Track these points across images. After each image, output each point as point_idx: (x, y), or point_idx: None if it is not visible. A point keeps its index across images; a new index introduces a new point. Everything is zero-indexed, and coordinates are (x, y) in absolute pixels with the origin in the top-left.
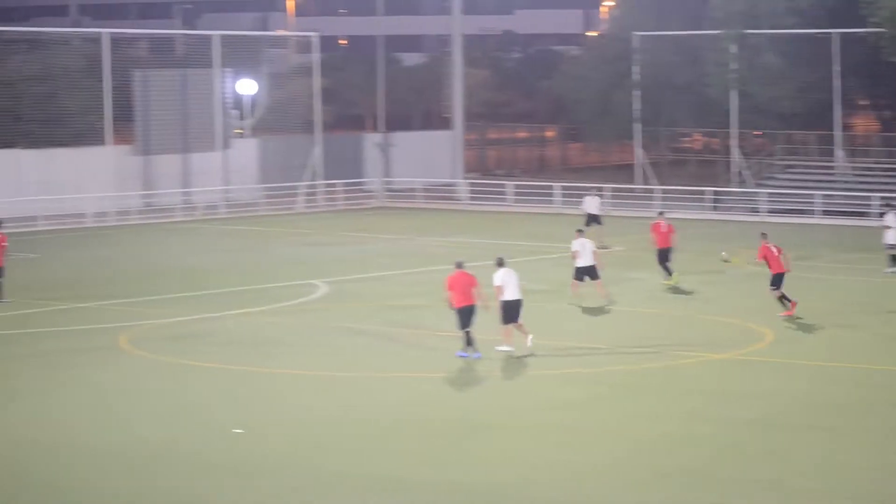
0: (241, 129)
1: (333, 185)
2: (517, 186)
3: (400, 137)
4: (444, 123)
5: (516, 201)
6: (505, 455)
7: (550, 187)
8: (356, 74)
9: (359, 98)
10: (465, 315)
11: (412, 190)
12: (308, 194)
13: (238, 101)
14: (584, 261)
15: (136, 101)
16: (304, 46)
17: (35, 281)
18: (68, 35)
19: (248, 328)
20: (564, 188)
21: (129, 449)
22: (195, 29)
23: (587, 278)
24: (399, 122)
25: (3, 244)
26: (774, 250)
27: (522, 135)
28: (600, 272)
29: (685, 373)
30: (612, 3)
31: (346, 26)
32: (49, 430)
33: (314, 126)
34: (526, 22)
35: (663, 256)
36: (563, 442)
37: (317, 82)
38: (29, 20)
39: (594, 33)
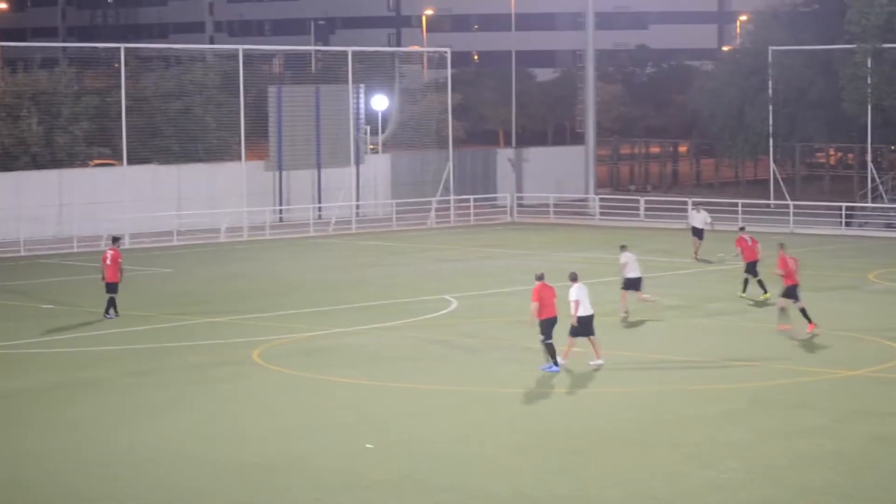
0: (374, 144)
1: (465, 200)
2: (648, 202)
3: (532, 153)
4: (577, 139)
5: (648, 217)
6: (639, 470)
7: (684, 203)
8: (488, 90)
9: (491, 113)
10: (549, 326)
11: (544, 205)
12: (440, 210)
13: (371, 117)
14: (632, 272)
15: (271, 116)
16: (437, 62)
17: (169, 296)
18: (204, 52)
19: (379, 343)
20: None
21: (263, 463)
22: (329, 45)
23: (632, 290)
24: (531, 137)
25: (118, 260)
26: (791, 262)
27: (655, 150)
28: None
29: (816, 388)
30: (747, 18)
31: (480, 42)
32: (187, 443)
33: (446, 141)
34: (660, 37)
35: (752, 269)
36: (693, 456)
37: (449, 98)
38: (166, 37)
39: (728, 48)
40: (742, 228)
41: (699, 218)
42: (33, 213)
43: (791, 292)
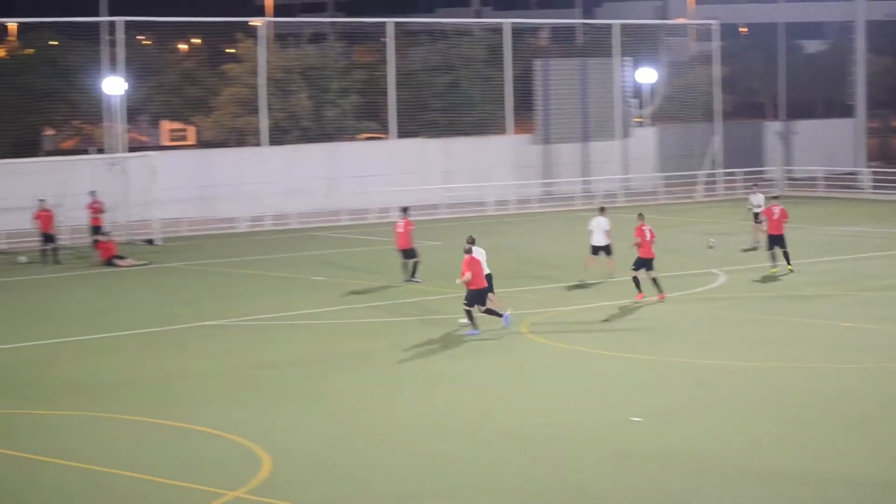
0: (641, 117)
1: (733, 173)
2: None
3: (801, 125)
4: (847, 111)
5: None
6: None
7: None
8: (756, 62)
9: (759, 86)
10: (477, 296)
11: (813, 179)
12: (707, 183)
13: (637, 90)
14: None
15: (537, 90)
16: (704, 34)
17: (436, 268)
18: (470, 25)
19: (646, 316)
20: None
21: (529, 433)
22: (594, 18)
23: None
24: (800, 109)
25: (409, 228)
26: (648, 233)
27: None
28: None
29: None
30: None
31: (747, 14)
32: (461, 413)
33: (713, 114)
34: None
35: (774, 243)
36: None
37: (716, 70)
38: (432, 11)
39: None
40: (776, 197)
41: (759, 199)
42: (303, 187)
43: (642, 263)
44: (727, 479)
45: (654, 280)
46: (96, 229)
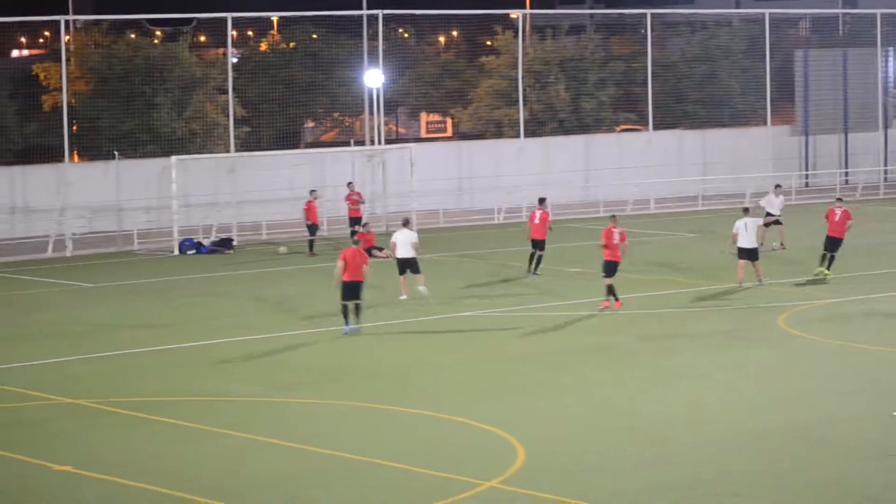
0: None
1: None
2: None
3: None
4: None
5: None
6: None
7: None
8: None
9: None
10: (348, 290)
11: None
12: None
13: None
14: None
15: (797, 80)
16: None
17: (682, 261)
18: (730, 16)
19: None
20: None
21: (781, 430)
22: (856, 7)
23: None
24: None
25: (545, 219)
26: (616, 236)
27: None
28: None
29: None
30: None
31: None
32: (702, 409)
33: None
34: None
35: (830, 245)
36: None
37: None
38: (692, 2)
39: None
40: (839, 199)
41: (776, 202)
42: (560, 178)
43: (607, 267)
44: None
45: (610, 287)
46: (355, 220)
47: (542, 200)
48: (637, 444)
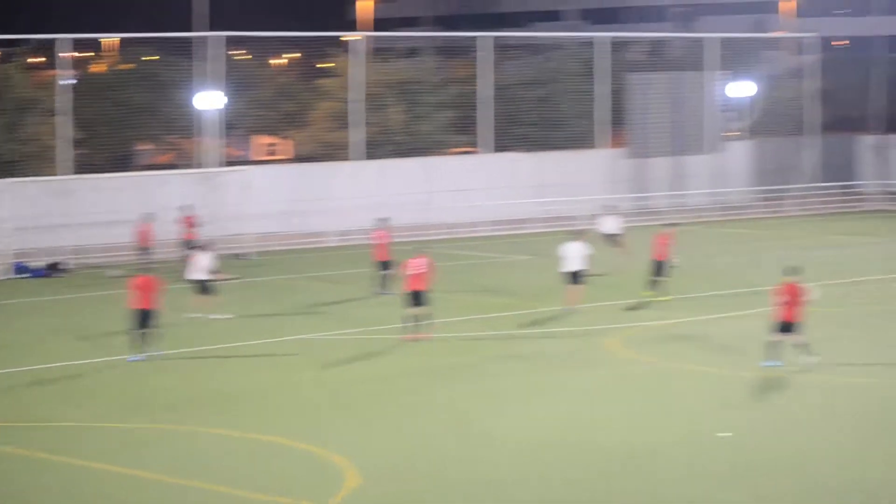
0: (735, 131)
1: (827, 188)
2: None
3: None
4: None
5: None
6: None
7: None
8: (853, 76)
9: (854, 100)
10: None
11: None
12: (801, 197)
13: (732, 104)
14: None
15: (631, 104)
16: (802, 48)
17: (525, 285)
18: (565, 40)
19: (737, 332)
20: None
21: (615, 450)
22: (691, 32)
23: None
24: None
25: (387, 240)
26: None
27: None
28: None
29: None
30: None
31: (846, 27)
32: (544, 429)
33: (809, 128)
34: None
35: (657, 269)
36: None
37: (814, 84)
38: (525, 26)
39: None
40: (670, 224)
41: (610, 223)
42: (396, 201)
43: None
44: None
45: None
46: (189, 243)
47: (383, 220)
48: (480, 467)
